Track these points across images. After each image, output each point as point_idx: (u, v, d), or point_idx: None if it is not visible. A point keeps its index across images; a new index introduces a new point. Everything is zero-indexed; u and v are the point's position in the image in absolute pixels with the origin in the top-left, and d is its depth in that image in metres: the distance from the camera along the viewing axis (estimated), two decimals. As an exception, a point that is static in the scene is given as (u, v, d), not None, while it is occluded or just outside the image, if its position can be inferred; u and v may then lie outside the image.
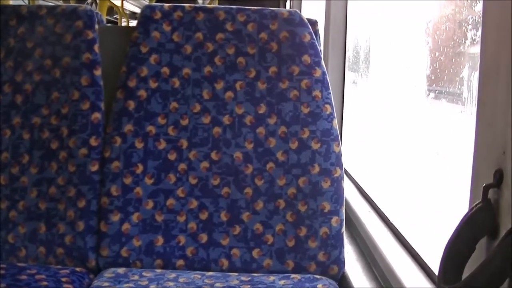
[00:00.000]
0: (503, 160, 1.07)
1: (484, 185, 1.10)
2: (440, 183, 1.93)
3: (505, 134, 1.06)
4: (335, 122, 2.17)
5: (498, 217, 1.08)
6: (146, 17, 2.23)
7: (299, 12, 2.25)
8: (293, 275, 2.06)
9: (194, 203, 2.15)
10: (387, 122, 2.65)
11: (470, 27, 1.74)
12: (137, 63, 2.20)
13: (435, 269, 1.62)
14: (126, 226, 2.13)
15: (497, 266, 0.97)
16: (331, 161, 2.13)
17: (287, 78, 2.18)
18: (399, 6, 2.51)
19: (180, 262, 2.13)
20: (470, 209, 1.11)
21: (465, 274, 1.07)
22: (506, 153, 1.06)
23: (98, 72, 2.22)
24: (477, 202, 1.11)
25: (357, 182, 2.84)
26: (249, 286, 1.97)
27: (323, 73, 2.19)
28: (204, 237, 2.14)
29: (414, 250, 1.97)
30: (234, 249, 2.13)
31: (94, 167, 2.16)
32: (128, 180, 2.15)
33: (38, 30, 2.26)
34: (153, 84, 2.19)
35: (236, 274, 2.09)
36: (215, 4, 2.11)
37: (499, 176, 1.08)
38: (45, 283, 1.93)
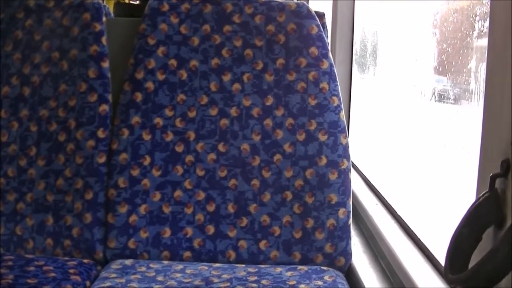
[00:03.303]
0: (510, 150, 1.07)
1: (491, 174, 1.10)
2: (448, 175, 1.93)
3: (512, 124, 1.07)
4: (342, 114, 2.17)
5: (505, 206, 1.08)
6: (153, 10, 2.23)
7: (306, 4, 2.25)
8: (300, 267, 2.07)
9: (201, 195, 2.15)
10: (395, 116, 2.65)
11: (477, 18, 1.74)
12: (144, 55, 2.20)
13: (442, 260, 1.62)
14: (133, 218, 2.14)
15: (503, 255, 0.97)
16: (338, 153, 2.13)
17: (295, 70, 2.18)
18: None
19: (187, 253, 2.13)
20: (477, 199, 1.12)
21: (472, 264, 1.07)
22: (513, 143, 1.06)
23: (105, 64, 2.22)
24: (484, 192, 1.11)
25: (364, 175, 2.84)
26: (256, 277, 1.97)
27: (331, 65, 2.18)
28: (211, 229, 2.14)
29: (421, 242, 1.97)
30: (241, 240, 2.13)
31: (102, 159, 2.17)
32: (135, 172, 2.15)
33: (45, 23, 2.27)
34: (160, 76, 2.19)
35: (243, 265, 2.09)
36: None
37: (506, 166, 1.08)
38: (52, 274, 1.94)
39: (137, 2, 5.03)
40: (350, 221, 2.14)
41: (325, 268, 2.07)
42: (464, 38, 1.86)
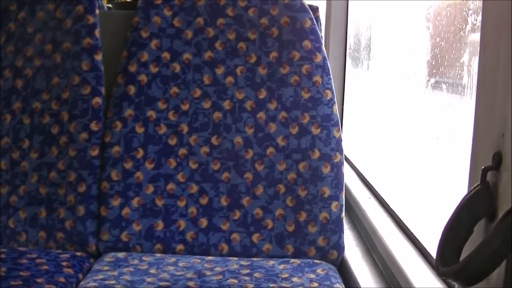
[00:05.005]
0: (502, 143, 1.07)
1: (483, 167, 1.10)
2: (441, 168, 1.93)
3: (504, 117, 1.06)
4: (336, 107, 2.17)
5: (497, 199, 1.08)
6: (146, 2, 2.23)
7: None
8: (292, 260, 2.07)
9: (194, 188, 2.15)
10: (389, 110, 2.65)
11: (471, 12, 1.74)
12: (137, 48, 2.20)
13: (434, 253, 1.63)
14: (126, 211, 2.14)
15: (494, 247, 0.97)
16: (331, 146, 2.14)
17: (288, 63, 2.18)
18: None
19: (180, 246, 2.13)
20: (469, 192, 1.11)
21: (463, 256, 1.07)
22: (505, 136, 1.06)
23: (98, 57, 2.21)
24: (476, 184, 1.11)
25: (357, 168, 2.84)
26: (248, 270, 1.97)
27: (324, 59, 2.18)
28: (204, 222, 2.14)
29: (413, 235, 1.97)
30: (234, 233, 2.13)
31: (95, 152, 2.16)
32: (128, 165, 2.15)
33: (38, 15, 2.26)
34: (153, 69, 2.19)
35: (236, 258, 2.09)
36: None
37: (497, 159, 1.08)
38: (45, 267, 1.94)
39: None
40: (343, 214, 2.14)
41: (317, 261, 2.07)
42: (457, 32, 1.86)
